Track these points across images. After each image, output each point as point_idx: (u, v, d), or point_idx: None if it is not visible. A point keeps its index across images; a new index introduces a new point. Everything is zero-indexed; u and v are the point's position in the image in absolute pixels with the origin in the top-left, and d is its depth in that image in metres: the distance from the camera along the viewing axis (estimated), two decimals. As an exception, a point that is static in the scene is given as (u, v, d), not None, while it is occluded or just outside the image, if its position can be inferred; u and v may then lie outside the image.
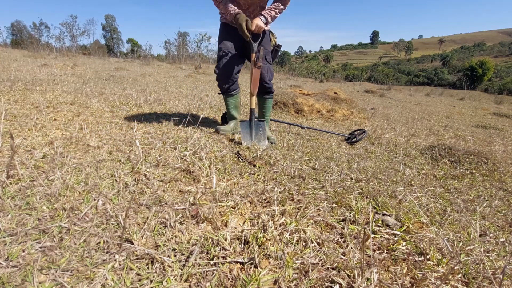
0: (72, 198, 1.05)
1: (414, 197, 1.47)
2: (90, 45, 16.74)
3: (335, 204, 1.25)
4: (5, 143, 1.44)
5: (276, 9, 1.95)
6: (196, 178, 1.33)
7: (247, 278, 0.79)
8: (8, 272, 0.72)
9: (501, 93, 28.04)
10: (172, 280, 0.75)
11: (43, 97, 2.50)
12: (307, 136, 2.60)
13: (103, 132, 1.83)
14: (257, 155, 1.68)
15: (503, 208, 1.57)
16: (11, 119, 1.86)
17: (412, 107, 6.78)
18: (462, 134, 3.82)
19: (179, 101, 3.34)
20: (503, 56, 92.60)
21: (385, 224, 1.13)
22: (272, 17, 1.95)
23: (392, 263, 0.92)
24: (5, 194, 1.03)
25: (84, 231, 0.90)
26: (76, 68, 5.89)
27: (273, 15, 1.95)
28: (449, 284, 0.84)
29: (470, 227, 1.21)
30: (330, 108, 3.82)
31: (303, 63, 27.00)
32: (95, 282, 0.72)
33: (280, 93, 4.02)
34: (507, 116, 7.00)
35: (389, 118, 4.39)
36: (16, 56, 7.40)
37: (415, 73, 64.86)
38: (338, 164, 1.83)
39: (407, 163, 2.16)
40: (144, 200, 1.09)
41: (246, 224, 1.04)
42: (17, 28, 39.80)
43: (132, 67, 8.31)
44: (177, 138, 1.80)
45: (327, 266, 0.86)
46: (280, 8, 1.97)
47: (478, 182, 1.95)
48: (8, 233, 0.85)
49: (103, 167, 1.32)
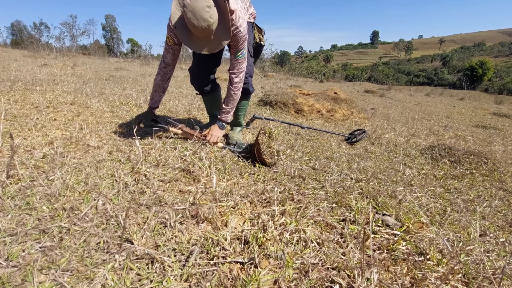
0: (72, 198, 1.05)
1: (414, 197, 1.47)
2: (90, 45, 16.76)
3: (335, 204, 1.25)
4: (5, 143, 1.44)
5: (230, 99, 1.77)
6: (196, 178, 1.33)
7: (247, 278, 0.79)
8: (8, 272, 0.72)
9: (501, 93, 28.04)
10: (172, 280, 0.75)
11: (43, 97, 2.50)
12: (307, 136, 2.60)
13: (103, 132, 1.83)
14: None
15: (503, 208, 1.57)
16: (11, 119, 1.86)
17: (412, 107, 6.78)
18: (462, 134, 3.82)
19: (179, 101, 3.34)
20: (503, 56, 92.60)
21: (385, 224, 1.13)
22: (229, 113, 1.80)
23: (392, 263, 0.92)
24: (5, 194, 1.03)
25: (84, 231, 0.90)
26: (76, 68, 5.89)
27: (229, 110, 1.79)
28: (449, 284, 0.84)
29: (470, 227, 1.20)
30: (330, 108, 3.82)
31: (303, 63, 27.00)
32: (95, 282, 0.72)
33: (280, 93, 4.02)
34: (507, 116, 7.00)
35: (389, 118, 4.39)
36: (16, 56, 7.40)
37: (415, 73, 64.88)
38: (338, 164, 1.83)
39: (407, 163, 2.16)
40: (144, 200, 1.09)
41: (246, 224, 1.04)
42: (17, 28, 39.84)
43: (132, 67, 8.31)
44: (177, 138, 1.80)
45: (327, 266, 0.86)
46: (233, 98, 1.77)
47: (478, 182, 1.95)
48: (8, 233, 0.85)
49: (103, 167, 1.32)
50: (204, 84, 2.00)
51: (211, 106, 2.16)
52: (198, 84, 2.00)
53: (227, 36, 1.51)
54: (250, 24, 1.88)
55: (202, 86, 2.00)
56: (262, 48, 2.06)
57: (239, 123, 2.19)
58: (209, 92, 2.04)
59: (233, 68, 1.70)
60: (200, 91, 2.03)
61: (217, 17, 1.44)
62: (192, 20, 1.37)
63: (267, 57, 14.33)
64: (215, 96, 2.10)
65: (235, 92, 1.75)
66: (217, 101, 2.14)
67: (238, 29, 1.55)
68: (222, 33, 1.50)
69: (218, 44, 1.53)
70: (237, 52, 1.65)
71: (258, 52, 2.06)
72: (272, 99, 3.89)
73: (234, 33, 1.56)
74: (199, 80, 1.98)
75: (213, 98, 2.10)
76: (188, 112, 2.85)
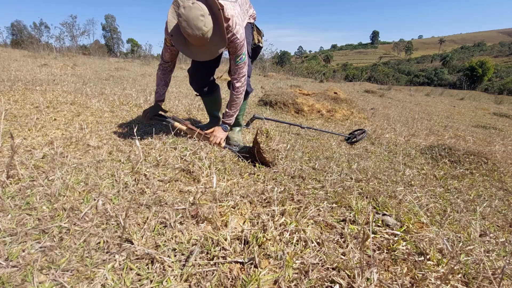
0: (72, 198, 1.05)
1: (414, 197, 1.47)
2: (90, 45, 16.75)
3: (335, 204, 1.25)
4: (5, 143, 1.44)
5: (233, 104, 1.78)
6: (196, 178, 1.33)
7: (247, 278, 0.79)
8: (8, 272, 0.72)
9: (501, 93, 28.04)
10: (172, 280, 0.75)
11: (43, 97, 2.50)
12: (307, 136, 2.60)
13: (103, 132, 1.83)
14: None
15: (503, 208, 1.57)
16: (11, 119, 1.86)
17: (412, 107, 6.78)
18: (462, 134, 3.82)
19: (179, 101, 3.34)
20: (503, 56, 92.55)
21: (385, 224, 1.13)
22: (232, 116, 1.81)
23: (392, 263, 0.92)
24: (5, 194, 1.03)
25: (84, 231, 0.90)
26: (76, 68, 5.89)
27: (232, 113, 1.80)
28: (449, 284, 0.84)
29: (470, 227, 1.20)
30: (330, 108, 3.82)
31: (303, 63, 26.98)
32: (95, 282, 0.72)
33: (280, 93, 4.02)
34: (507, 116, 7.00)
35: (389, 118, 4.39)
36: (16, 56, 7.40)
37: (415, 73, 64.85)
38: (338, 164, 1.83)
39: (407, 163, 2.16)
40: (144, 200, 1.09)
41: (246, 224, 1.04)
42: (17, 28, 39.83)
43: (132, 67, 8.31)
44: (177, 138, 1.80)
45: (327, 266, 0.86)
46: (235, 102, 1.78)
47: (478, 182, 1.95)
48: (8, 233, 0.85)
49: (103, 167, 1.32)
50: (203, 85, 2.00)
51: (210, 107, 2.16)
52: (197, 85, 2.00)
53: (222, 43, 1.51)
54: (249, 25, 1.88)
55: (201, 87, 2.00)
56: (260, 50, 2.07)
57: (239, 123, 2.19)
58: (209, 93, 2.04)
59: (234, 73, 1.71)
60: (200, 92, 2.03)
61: (212, 25, 1.45)
62: (186, 29, 1.39)
63: (267, 57, 14.33)
64: (215, 96, 2.10)
65: (237, 96, 1.76)
66: (216, 101, 2.14)
67: (235, 36, 1.56)
68: (218, 40, 1.51)
69: (215, 52, 1.54)
70: (236, 57, 1.65)
71: (256, 53, 2.07)
72: (272, 99, 3.89)
73: (232, 40, 1.57)
74: (198, 81, 1.98)
75: (212, 98, 2.10)
76: (188, 112, 2.85)
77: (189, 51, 1.54)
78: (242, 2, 1.77)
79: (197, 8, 1.37)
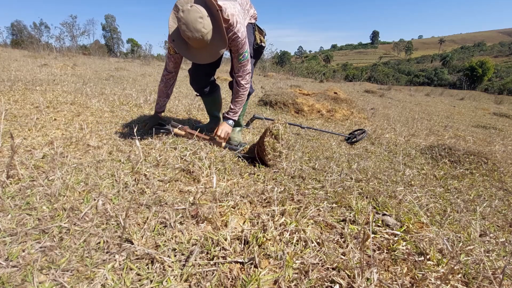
0: (72, 198, 1.05)
1: (414, 197, 1.47)
2: (90, 45, 16.77)
3: (335, 204, 1.25)
4: (5, 143, 1.44)
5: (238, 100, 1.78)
6: (196, 178, 1.33)
7: (247, 278, 0.79)
8: (8, 272, 0.72)
9: (501, 93, 28.05)
10: (172, 280, 0.75)
11: (43, 97, 2.50)
12: (307, 136, 2.60)
13: (103, 132, 1.83)
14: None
15: (503, 208, 1.57)
16: (11, 119, 1.86)
17: (412, 107, 6.78)
18: (462, 134, 3.82)
19: (179, 101, 3.34)
20: (503, 56, 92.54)
21: (385, 224, 1.13)
22: (237, 113, 1.80)
23: (392, 263, 0.92)
24: (5, 194, 1.03)
25: (84, 231, 0.90)
26: (76, 68, 5.89)
27: (237, 110, 1.79)
28: (449, 284, 0.84)
29: (470, 227, 1.20)
30: (330, 108, 3.82)
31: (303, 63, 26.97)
32: (95, 282, 0.72)
33: (280, 93, 4.02)
34: (507, 116, 7.00)
35: (389, 118, 4.39)
36: (16, 56, 7.40)
37: (415, 73, 64.84)
38: (338, 164, 1.83)
39: (407, 163, 2.16)
40: (144, 200, 1.09)
41: (246, 224, 1.04)
42: (17, 28, 39.81)
43: (132, 67, 8.31)
44: (177, 138, 1.80)
45: (327, 266, 0.86)
46: (241, 98, 1.78)
47: (478, 182, 1.95)
48: (8, 233, 0.85)
49: (103, 167, 1.32)
50: (204, 86, 2.00)
51: (211, 107, 2.16)
52: (198, 86, 2.00)
53: (223, 44, 1.52)
54: (251, 25, 1.88)
55: (202, 88, 2.00)
56: (262, 50, 2.06)
57: (239, 123, 2.20)
58: (209, 93, 2.05)
59: (238, 71, 1.71)
60: (200, 92, 2.03)
61: (211, 26, 1.45)
62: (186, 32, 1.40)
63: (267, 57, 14.34)
64: (215, 96, 2.10)
65: (243, 93, 1.76)
66: (217, 101, 2.14)
67: (236, 34, 1.56)
68: (218, 41, 1.52)
69: (216, 53, 1.55)
70: (239, 56, 1.66)
71: (259, 53, 2.06)
72: (272, 99, 3.89)
73: (233, 39, 1.57)
74: (199, 81, 1.98)
75: (213, 99, 2.10)
76: (188, 112, 2.85)
77: (191, 55, 1.55)
78: (243, 2, 1.77)
79: (196, 11, 1.38)
